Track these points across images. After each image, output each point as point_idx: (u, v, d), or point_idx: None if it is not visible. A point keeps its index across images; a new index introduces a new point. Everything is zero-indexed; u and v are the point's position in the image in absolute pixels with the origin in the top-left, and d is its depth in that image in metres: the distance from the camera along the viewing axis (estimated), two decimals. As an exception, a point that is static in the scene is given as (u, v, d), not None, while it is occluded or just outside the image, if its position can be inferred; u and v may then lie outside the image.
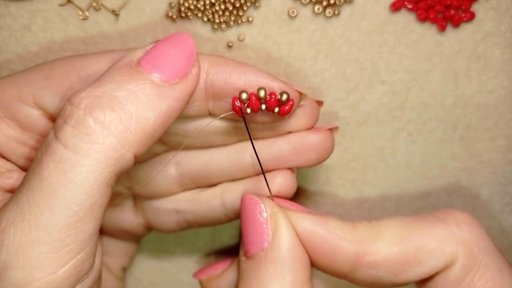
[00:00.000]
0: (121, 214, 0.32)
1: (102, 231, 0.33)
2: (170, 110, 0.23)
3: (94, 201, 0.22)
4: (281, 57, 0.32)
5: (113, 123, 0.22)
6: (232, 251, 0.38)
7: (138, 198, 0.32)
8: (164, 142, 0.29)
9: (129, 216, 0.32)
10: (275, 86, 0.26)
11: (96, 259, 0.23)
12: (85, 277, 0.22)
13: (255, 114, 0.27)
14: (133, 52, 0.24)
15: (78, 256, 0.22)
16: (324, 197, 0.36)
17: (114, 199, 0.31)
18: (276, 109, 0.26)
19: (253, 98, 0.25)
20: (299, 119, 0.28)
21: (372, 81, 0.33)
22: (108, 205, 0.31)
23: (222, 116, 0.27)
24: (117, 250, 0.34)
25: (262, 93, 0.25)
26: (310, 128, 0.29)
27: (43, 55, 0.32)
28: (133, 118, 0.22)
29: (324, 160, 0.29)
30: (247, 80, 0.25)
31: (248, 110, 0.25)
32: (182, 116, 0.26)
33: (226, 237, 0.38)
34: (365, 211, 0.37)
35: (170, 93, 0.23)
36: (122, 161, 0.22)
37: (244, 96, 0.25)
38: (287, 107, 0.26)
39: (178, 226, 0.31)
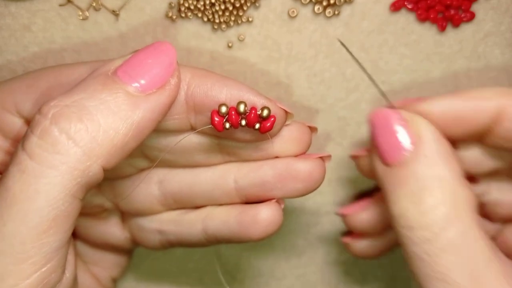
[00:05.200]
0: (107, 228, 0.31)
1: (90, 243, 0.32)
2: (143, 122, 0.22)
3: (59, 214, 0.21)
4: (281, 57, 0.32)
5: (78, 133, 0.21)
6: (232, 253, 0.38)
7: (125, 214, 0.31)
8: (148, 157, 0.28)
9: (115, 230, 0.31)
10: (257, 101, 0.24)
11: (66, 271, 0.23)
12: None
13: (236, 130, 0.25)
14: (112, 61, 0.24)
15: (44, 269, 0.21)
16: (324, 197, 0.36)
17: (100, 213, 0.31)
18: (257, 126, 0.24)
19: (233, 112, 0.24)
20: (285, 142, 0.26)
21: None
22: (94, 219, 0.31)
23: (199, 129, 0.25)
24: (107, 261, 0.33)
25: (242, 108, 0.24)
26: (300, 154, 0.27)
27: (43, 55, 0.32)
28: (101, 129, 0.21)
29: (313, 191, 0.27)
30: (229, 94, 0.24)
31: (227, 125, 0.24)
32: (163, 129, 0.26)
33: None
34: (365, 211, 0.37)
35: (144, 104, 0.22)
36: (89, 174, 0.22)
37: (223, 109, 0.24)
38: (268, 124, 0.24)
39: (161, 245, 0.31)
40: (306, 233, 0.38)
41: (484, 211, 0.30)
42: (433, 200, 0.23)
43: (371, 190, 0.34)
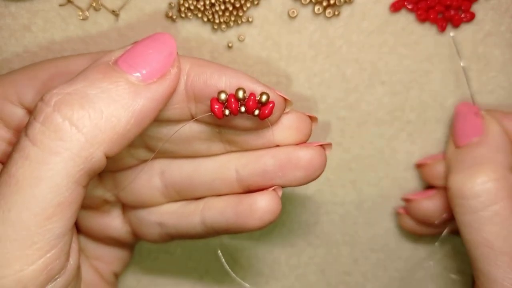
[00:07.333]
0: (109, 221, 0.31)
1: (91, 237, 0.32)
2: (144, 110, 0.23)
3: (63, 200, 0.21)
4: (281, 57, 0.32)
5: (81, 120, 0.21)
6: (236, 250, 0.39)
7: (126, 207, 0.31)
8: (149, 147, 0.28)
9: (117, 223, 0.32)
10: (256, 88, 0.24)
11: (70, 259, 0.23)
12: (57, 276, 0.22)
13: (236, 118, 0.26)
14: (113, 52, 0.24)
15: (48, 255, 0.21)
16: (324, 197, 0.36)
17: (101, 206, 0.31)
18: (256, 112, 0.25)
19: (232, 99, 0.24)
20: (285, 131, 0.26)
21: (372, 82, 0.33)
22: (96, 212, 0.31)
23: (199, 117, 0.26)
24: (108, 255, 0.33)
25: (240, 94, 0.24)
26: (300, 143, 0.27)
27: (43, 55, 0.32)
28: (103, 116, 0.22)
29: (314, 179, 0.27)
30: (228, 82, 0.25)
31: (227, 112, 0.24)
32: (164, 119, 0.26)
33: (226, 236, 0.38)
34: (365, 211, 0.37)
35: (145, 93, 0.23)
36: (92, 160, 0.22)
37: (223, 96, 0.24)
38: (267, 110, 0.24)
39: (160, 238, 0.31)
40: (306, 233, 0.38)
41: None
42: (486, 177, 0.29)
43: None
